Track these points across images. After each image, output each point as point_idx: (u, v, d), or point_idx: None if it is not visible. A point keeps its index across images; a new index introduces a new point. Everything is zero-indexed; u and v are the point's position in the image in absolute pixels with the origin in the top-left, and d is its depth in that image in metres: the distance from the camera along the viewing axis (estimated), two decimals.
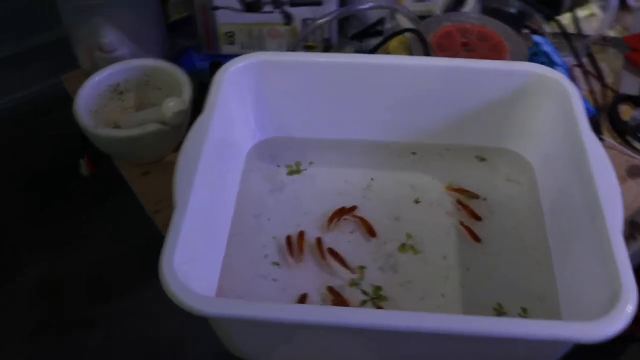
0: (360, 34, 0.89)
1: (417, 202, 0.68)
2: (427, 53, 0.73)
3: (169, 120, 0.70)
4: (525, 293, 0.60)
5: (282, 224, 0.65)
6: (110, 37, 0.79)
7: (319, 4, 0.79)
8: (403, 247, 0.64)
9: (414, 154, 0.72)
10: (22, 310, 1.48)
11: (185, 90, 0.74)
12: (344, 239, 0.65)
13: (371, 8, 0.79)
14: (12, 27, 0.75)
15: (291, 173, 0.70)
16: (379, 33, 0.88)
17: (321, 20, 0.76)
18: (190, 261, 0.52)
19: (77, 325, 1.44)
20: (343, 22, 0.90)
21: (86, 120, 0.71)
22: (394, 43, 0.84)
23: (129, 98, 0.79)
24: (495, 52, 0.74)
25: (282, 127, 0.72)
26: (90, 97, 0.75)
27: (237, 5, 0.80)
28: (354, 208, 0.67)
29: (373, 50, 0.81)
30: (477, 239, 0.64)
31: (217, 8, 0.80)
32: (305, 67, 0.67)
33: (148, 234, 0.72)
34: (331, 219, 0.66)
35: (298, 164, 0.70)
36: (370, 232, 0.65)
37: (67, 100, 0.76)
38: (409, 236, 0.65)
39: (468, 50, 0.75)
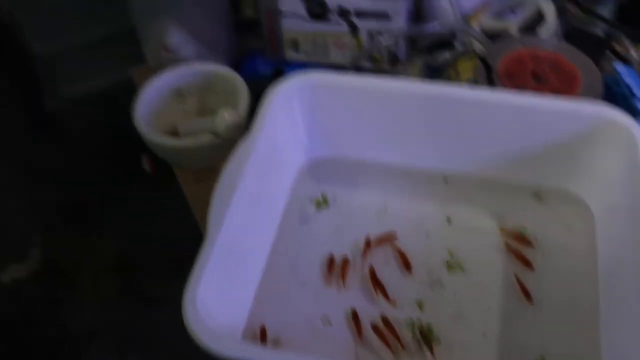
0: (431, 46, 0.85)
1: (448, 221, 0.66)
2: (490, 80, 0.69)
3: (222, 133, 0.70)
4: (565, 354, 0.57)
5: (320, 253, 0.64)
6: (175, 37, 0.79)
7: (386, 17, 0.76)
8: (449, 265, 0.63)
9: (446, 181, 0.69)
10: (99, 281, 1.56)
11: (242, 100, 0.73)
12: (380, 268, 0.63)
13: (438, 31, 0.75)
14: (91, 13, 0.76)
15: (318, 205, 0.68)
16: (451, 45, 0.84)
17: (385, 42, 0.74)
18: (217, 294, 0.52)
19: (149, 299, 1.50)
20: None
21: (143, 125, 0.72)
22: (463, 62, 0.80)
23: (190, 101, 0.80)
24: (566, 84, 0.69)
25: (332, 146, 0.70)
26: (151, 100, 0.76)
27: (303, 12, 0.78)
28: (391, 236, 0.65)
29: (440, 69, 0.78)
30: (528, 296, 0.60)
31: (283, 14, 0.79)
32: (358, 90, 0.65)
33: None
34: (366, 248, 0.64)
35: (324, 197, 0.68)
36: (406, 265, 0.63)
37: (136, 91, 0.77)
38: (451, 253, 0.64)
39: (537, 80, 0.70)
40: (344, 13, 0.77)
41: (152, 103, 0.76)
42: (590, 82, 0.69)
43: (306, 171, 0.70)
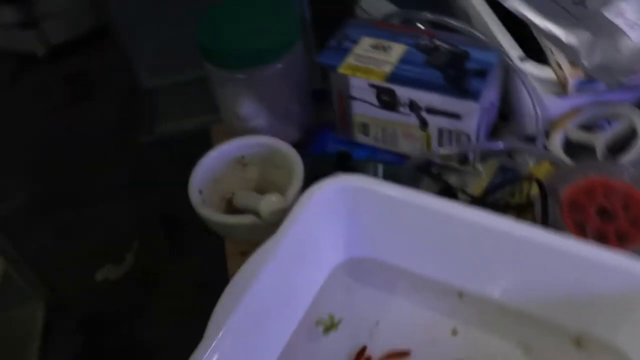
0: None
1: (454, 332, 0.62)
2: (545, 211, 0.64)
3: (265, 217, 0.70)
4: None
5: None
6: (246, 108, 0.80)
7: (457, 117, 0.73)
8: None
9: (460, 296, 0.64)
10: (179, 297, 1.63)
11: (294, 185, 0.73)
12: None
13: (504, 150, 0.72)
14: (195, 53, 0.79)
15: (326, 330, 0.65)
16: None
17: (444, 151, 0.71)
18: None
19: None
20: (496, 127, 0.83)
21: (195, 195, 0.74)
22: (541, 168, 0.75)
23: (252, 170, 0.80)
24: (635, 227, 0.63)
25: (369, 249, 0.68)
26: (212, 166, 0.77)
27: (374, 100, 0.76)
28: (403, 354, 0.62)
29: (516, 172, 0.74)
30: None
31: (354, 98, 0.77)
32: (399, 202, 0.62)
33: None
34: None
35: (332, 319, 0.65)
36: None
37: None
38: None
39: (603, 216, 0.64)
40: (414, 107, 0.74)
41: (212, 169, 0.77)
42: None
43: (337, 272, 0.68)
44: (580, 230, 0.63)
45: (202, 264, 1.65)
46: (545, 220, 0.64)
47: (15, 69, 2.35)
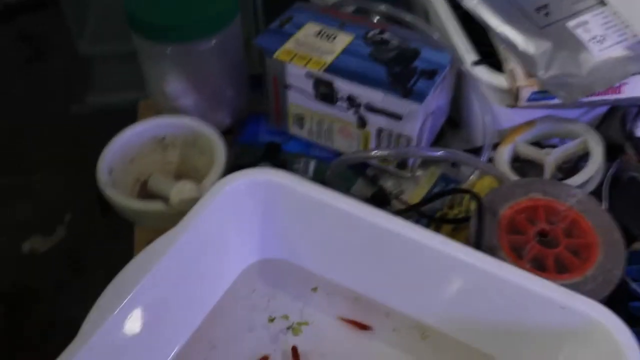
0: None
1: None
2: (480, 229, 0.58)
3: (174, 205, 0.63)
4: None
5: None
6: (173, 85, 0.73)
7: (398, 118, 0.67)
8: None
9: (387, 315, 0.58)
10: (102, 282, 1.54)
11: (214, 171, 0.66)
12: None
13: (444, 158, 0.66)
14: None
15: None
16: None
17: (381, 152, 0.65)
18: None
19: None
20: (443, 133, 0.77)
21: (103, 173, 0.66)
22: (484, 182, 0.70)
23: (173, 153, 0.73)
24: (576, 256, 0.57)
25: (284, 251, 0.61)
26: (128, 144, 0.70)
27: (310, 90, 0.70)
28: None
29: (458, 183, 0.68)
30: None
31: (290, 87, 0.71)
32: (316, 204, 0.56)
33: None
34: None
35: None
36: None
37: None
38: None
39: (543, 241, 0.59)
40: (353, 102, 0.68)
41: (128, 148, 0.70)
42: (607, 260, 0.57)
43: (248, 273, 0.61)
44: (517, 254, 0.58)
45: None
46: (479, 239, 0.58)
47: None
